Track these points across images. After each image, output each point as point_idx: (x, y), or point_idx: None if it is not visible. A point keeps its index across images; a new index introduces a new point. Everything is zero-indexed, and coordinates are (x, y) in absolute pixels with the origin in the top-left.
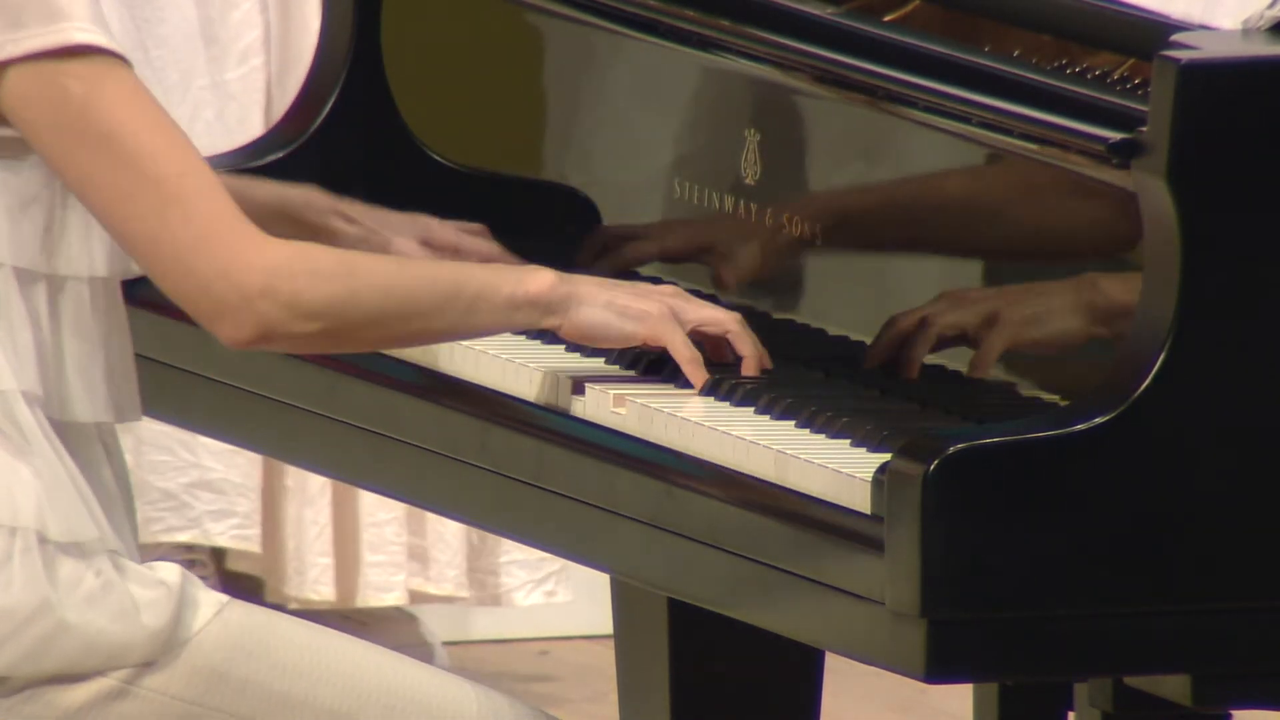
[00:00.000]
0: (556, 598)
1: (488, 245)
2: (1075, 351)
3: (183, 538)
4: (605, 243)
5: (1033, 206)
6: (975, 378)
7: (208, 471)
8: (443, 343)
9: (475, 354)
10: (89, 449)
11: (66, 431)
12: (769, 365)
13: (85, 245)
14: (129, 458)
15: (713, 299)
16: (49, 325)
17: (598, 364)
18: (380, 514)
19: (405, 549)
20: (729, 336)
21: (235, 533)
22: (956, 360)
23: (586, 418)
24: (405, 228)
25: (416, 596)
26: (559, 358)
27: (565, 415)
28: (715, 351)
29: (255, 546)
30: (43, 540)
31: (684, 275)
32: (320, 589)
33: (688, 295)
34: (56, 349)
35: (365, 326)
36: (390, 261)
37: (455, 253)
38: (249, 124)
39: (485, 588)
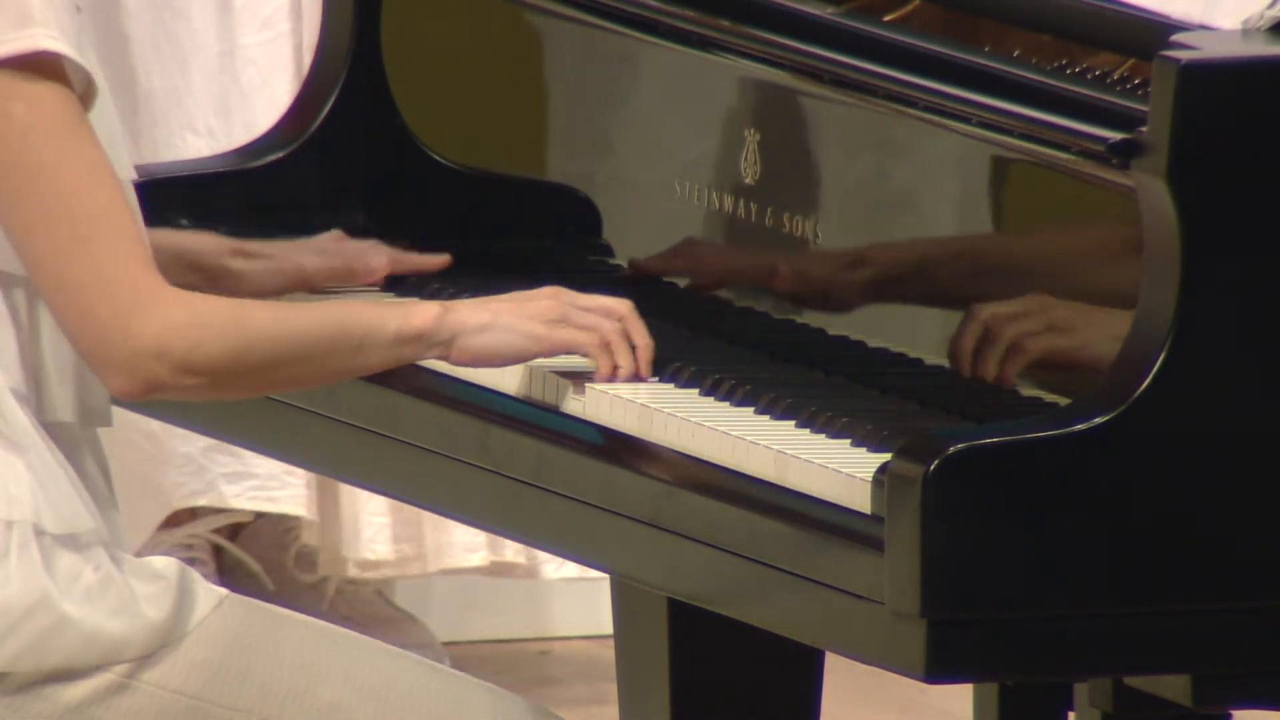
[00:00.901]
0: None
1: (379, 257)
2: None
3: (200, 501)
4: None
5: (1034, 211)
6: (980, 378)
7: None
8: (333, 383)
9: None
10: (74, 445)
11: (50, 431)
12: (646, 374)
13: None
14: (156, 425)
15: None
16: (29, 328)
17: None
18: None
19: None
20: (624, 323)
21: (249, 495)
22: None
23: (586, 418)
24: (298, 246)
25: (499, 568)
26: (559, 357)
27: (565, 415)
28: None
29: (299, 509)
30: (39, 533)
31: (680, 274)
32: (376, 548)
33: (570, 291)
34: (35, 351)
35: (255, 375)
36: (278, 309)
37: (347, 266)
38: (268, 90)
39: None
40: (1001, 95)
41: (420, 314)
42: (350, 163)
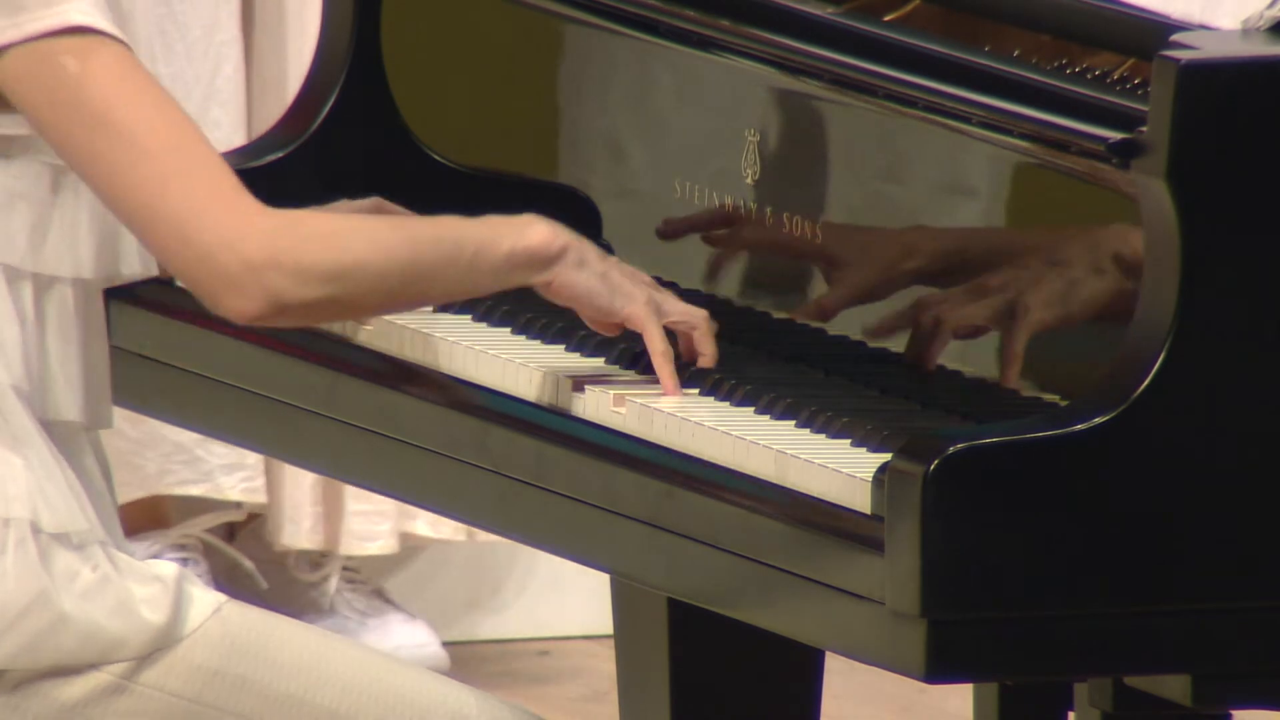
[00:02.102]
0: None
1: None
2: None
3: (195, 490)
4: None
5: (1034, 211)
6: (978, 376)
7: None
8: (452, 300)
9: (475, 354)
10: (74, 444)
11: (51, 429)
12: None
13: (72, 246)
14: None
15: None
16: (34, 324)
17: (598, 364)
18: None
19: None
20: (695, 334)
21: (244, 485)
22: (956, 360)
23: (586, 418)
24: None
25: (409, 540)
26: (559, 357)
27: (565, 415)
28: (686, 350)
29: (262, 498)
30: (36, 531)
31: (680, 274)
32: (312, 536)
33: (664, 289)
34: (40, 348)
35: (370, 288)
36: (389, 221)
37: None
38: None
39: (476, 533)
40: (1001, 95)
41: (534, 233)
42: (350, 163)
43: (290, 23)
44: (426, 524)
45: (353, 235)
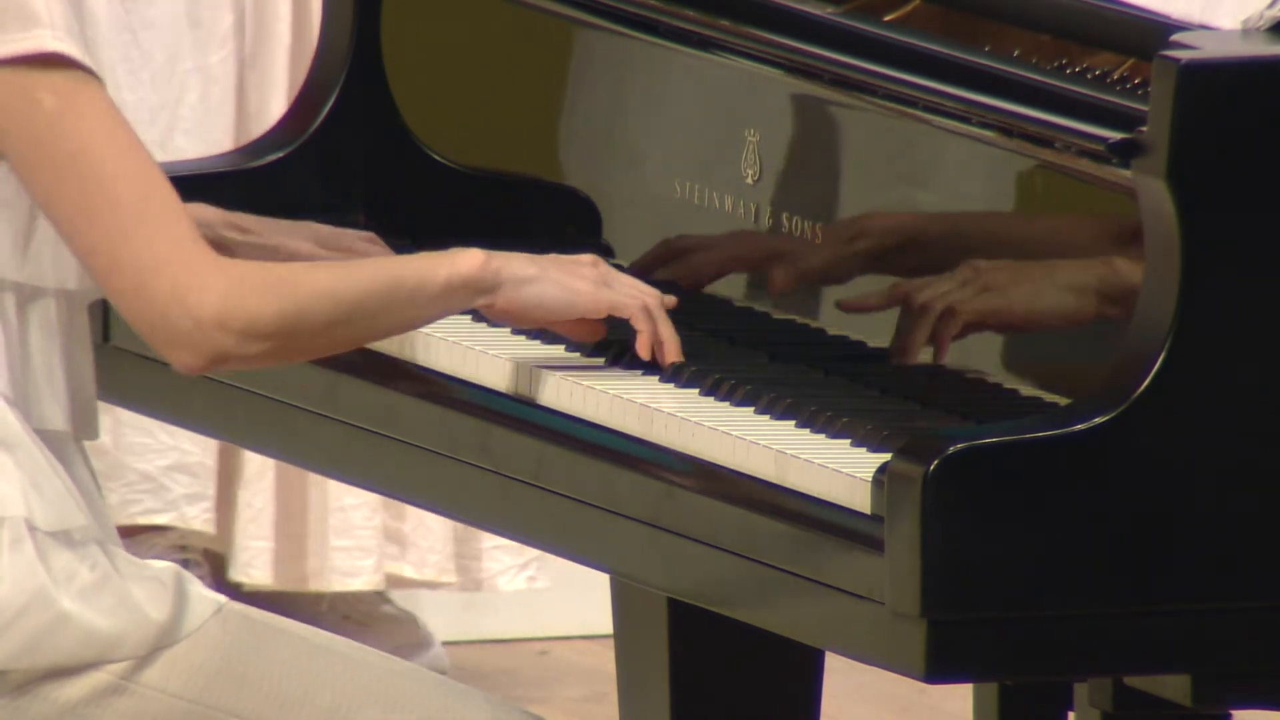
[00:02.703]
0: (538, 584)
1: (379, 251)
2: (1080, 331)
3: (161, 519)
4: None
5: (1034, 211)
6: (978, 376)
7: (186, 455)
8: (394, 335)
9: (476, 354)
10: (64, 452)
11: (40, 435)
12: (679, 356)
13: (56, 257)
14: (108, 439)
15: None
16: (17, 333)
17: (598, 363)
18: (347, 499)
19: (381, 532)
20: (650, 310)
21: (206, 516)
22: (956, 360)
23: (586, 417)
24: (296, 231)
25: (394, 581)
26: (559, 357)
27: (565, 415)
28: (644, 348)
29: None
30: (32, 529)
31: (681, 274)
32: (252, 572)
33: (607, 269)
34: (24, 357)
35: (315, 336)
36: (330, 268)
37: (348, 255)
38: (228, 108)
39: (469, 573)
40: (1001, 95)
41: (466, 261)
42: (350, 163)
43: (277, 57)
44: (411, 566)
45: (298, 286)
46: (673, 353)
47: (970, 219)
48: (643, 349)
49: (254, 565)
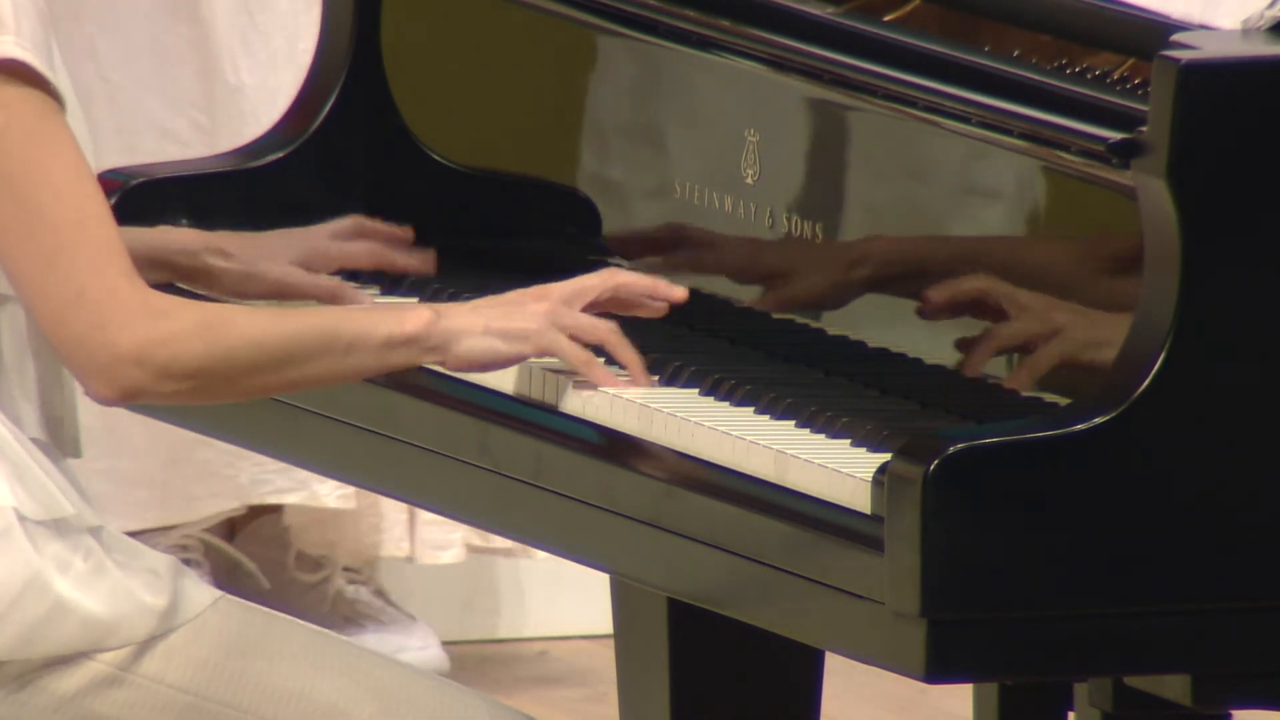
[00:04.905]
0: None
1: (363, 247)
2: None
3: (291, 499)
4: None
5: (1034, 211)
6: (978, 376)
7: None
8: (326, 386)
9: None
10: (46, 453)
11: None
12: (646, 380)
13: None
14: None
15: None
16: None
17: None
18: None
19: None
20: (606, 347)
21: (341, 492)
22: (956, 360)
23: (585, 417)
24: (281, 250)
25: (475, 549)
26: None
27: (565, 415)
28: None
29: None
30: (21, 518)
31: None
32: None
33: (559, 287)
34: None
35: (239, 379)
36: (264, 314)
37: (330, 291)
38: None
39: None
40: (1001, 95)
41: (412, 319)
42: (350, 163)
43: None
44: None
45: (228, 330)
46: (639, 377)
47: (970, 218)
48: (592, 384)
49: (403, 539)
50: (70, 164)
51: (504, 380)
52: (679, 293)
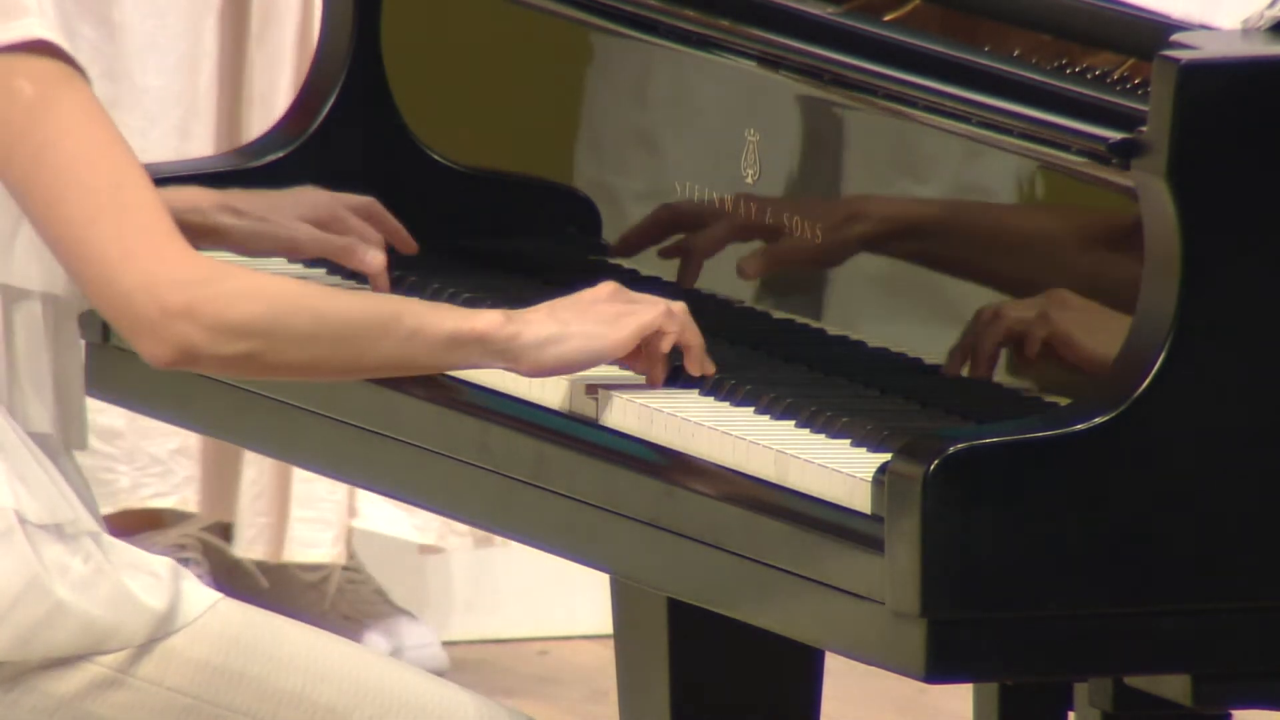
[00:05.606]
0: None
1: (375, 225)
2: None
3: (165, 503)
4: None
5: (1034, 211)
6: (978, 376)
7: (189, 438)
8: (380, 377)
9: None
10: (54, 454)
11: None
12: (704, 369)
13: (42, 259)
14: (122, 421)
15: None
16: (2, 335)
17: None
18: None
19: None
20: (674, 340)
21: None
22: (957, 361)
23: (587, 417)
24: (291, 207)
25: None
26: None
27: (565, 415)
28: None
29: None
30: (22, 520)
31: (680, 275)
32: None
33: (626, 294)
34: (10, 359)
35: (293, 349)
36: (325, 288)
37: (343, 230)
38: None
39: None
40: (1001, 95)
41: (483, 317)
42: (350, 163)
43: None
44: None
45: (279, 295)
46: (695, 362)
47: (970, 218)
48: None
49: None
50: (103, 131)
51: (505, 380)
52: (709, 368)
